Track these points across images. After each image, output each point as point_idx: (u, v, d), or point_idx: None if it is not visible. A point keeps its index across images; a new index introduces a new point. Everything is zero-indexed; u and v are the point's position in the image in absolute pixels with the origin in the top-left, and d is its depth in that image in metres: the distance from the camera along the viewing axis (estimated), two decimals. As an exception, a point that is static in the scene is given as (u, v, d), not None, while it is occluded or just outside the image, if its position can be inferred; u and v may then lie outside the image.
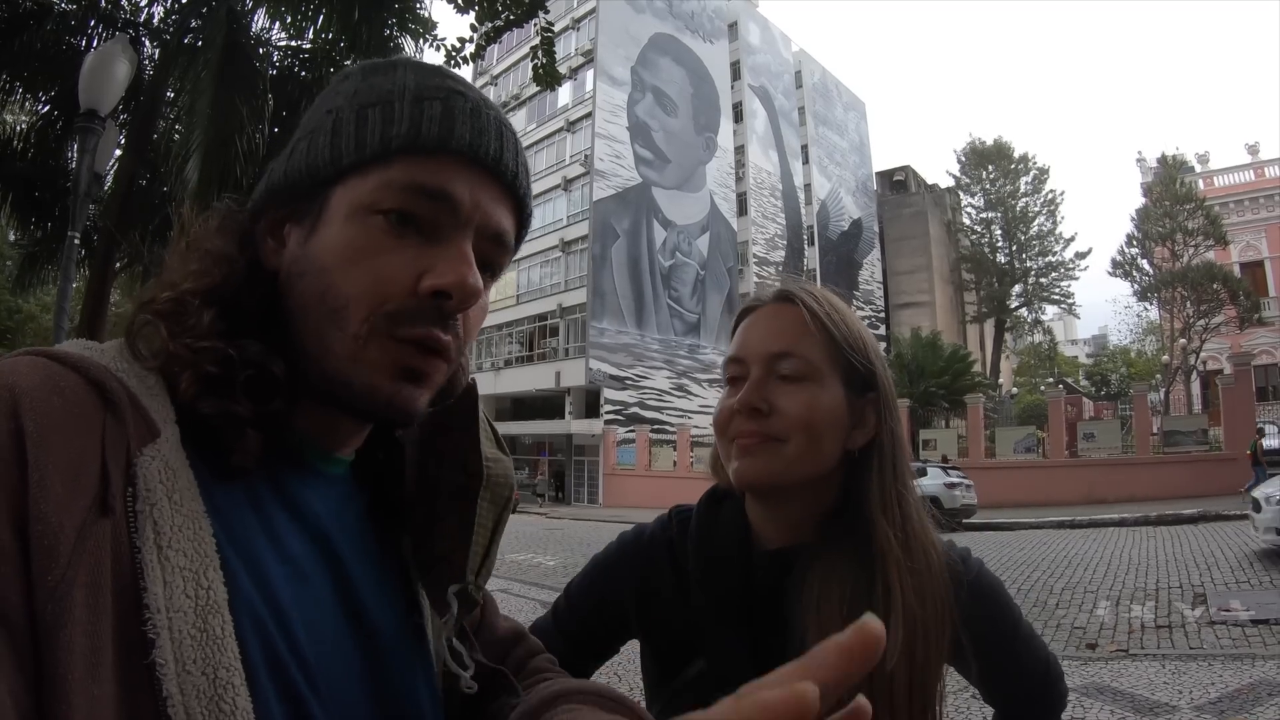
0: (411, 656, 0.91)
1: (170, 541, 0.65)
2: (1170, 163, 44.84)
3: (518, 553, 19.17)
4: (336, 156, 0.83)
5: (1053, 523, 22.35)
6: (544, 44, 9.25)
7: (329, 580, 0.83)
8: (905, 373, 40.38)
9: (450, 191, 0.82)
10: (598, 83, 47.20)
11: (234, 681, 0.65)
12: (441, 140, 0.82)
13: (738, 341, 1.37)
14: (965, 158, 64.28)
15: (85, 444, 0.64)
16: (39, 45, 8.47)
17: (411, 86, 0.84)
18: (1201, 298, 38.78)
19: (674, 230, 49.46)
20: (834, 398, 1.30)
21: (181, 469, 0.70)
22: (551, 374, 45.82)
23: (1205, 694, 6.85)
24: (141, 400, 0.71)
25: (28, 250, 11.24)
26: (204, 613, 0.65)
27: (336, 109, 0.85)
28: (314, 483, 0.87)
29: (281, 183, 0.87)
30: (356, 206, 0.81)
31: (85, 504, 0.61)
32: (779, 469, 1.27)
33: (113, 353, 0.75)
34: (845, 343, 1.32)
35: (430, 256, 0.81)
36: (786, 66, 63.91)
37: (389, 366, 0.81)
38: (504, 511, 1.00)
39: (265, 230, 0.88)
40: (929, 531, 1.31)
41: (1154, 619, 9.87)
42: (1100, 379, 60.75)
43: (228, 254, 0.84)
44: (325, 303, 0.80)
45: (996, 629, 1.37)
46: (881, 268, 67.90)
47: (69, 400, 0.65)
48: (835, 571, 1.25)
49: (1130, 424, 31.02)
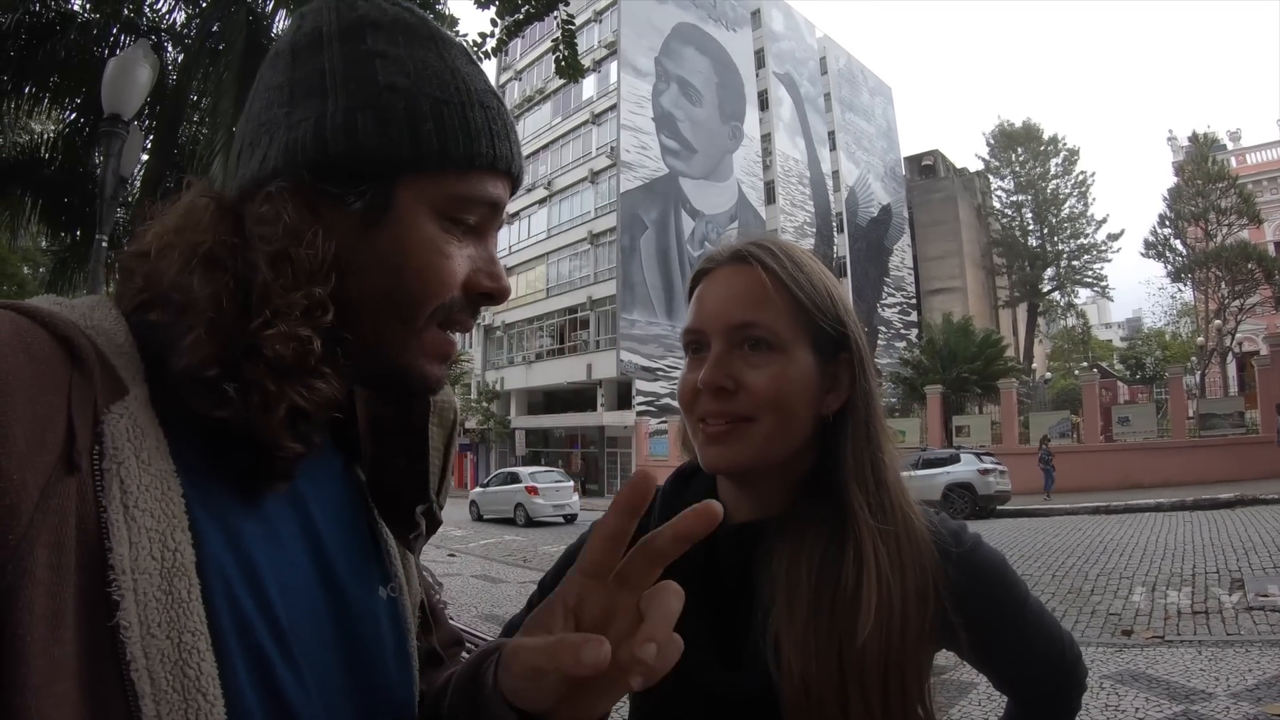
0: (384, 625, 0.91)
1: (137, 501, 0.64)
2: (1201, 140, 44.28)
3: (552, 544, 19.22)
4: (416, 155, 0.80)
5: (1087, 508, 22.20)
6: (565, 36, 9.26)
7: (304, 544, 0.82)
8: (937, 359, 40.08)
9: (501, 202, 0.89)
10: (622, 74, 47.13)
11: (199, 646, 0.64)
12: (505, 161, 0.87)
13: (695, 309, 1.28)
14: (994, 140, 63.58)
15: (51, 400, 0.62)
16: (63, 54, 8.58)
17: (475, 90, 0.86)
18: (1236, 278, 38.30)
19: (702, 220, 49.28)
20: (804, 366, 1.21)
21: (150, 428, 0.68)
22: (583, 366, 45.93)
23: (1242, 681, 6.76)
24: (110, 358, 0.69)
25: (59, 255, 11.39)
26: (170, 575, 0.64)
27: (403, 91, 0.81)
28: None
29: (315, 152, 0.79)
30: (437, 211, 0.83)
31: (50, 461, 0.60)
32: (750, 455, 1.20)
33: (83, 309, 0.73)
34: (811, 304, 1.22)
35: (476, 259, 0.86)
36: (811, 53, 63.53)
37: (434, 353, 0.86)
38: (451, 434, 1.05)
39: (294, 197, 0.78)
40: (908, 498, 1.24)
41: (1190, 605, 9.76)
42: (1135, 362, 59.87)
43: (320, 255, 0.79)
44: (391, 298, 0.81)
45: (998, 609, 1.27)
46: (912, 253, 67.33)
47: (35, 356, 0.63)
48: (804, 541, 1.19)
49: (1165, 407, 30.71)
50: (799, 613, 1.15)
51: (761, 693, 1.15)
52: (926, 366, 40.46)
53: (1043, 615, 1.34)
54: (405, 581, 0.97)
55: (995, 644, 1.30)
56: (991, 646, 1.31)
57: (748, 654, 1.19)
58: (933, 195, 68.23)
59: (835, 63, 65.79)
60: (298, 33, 0.87)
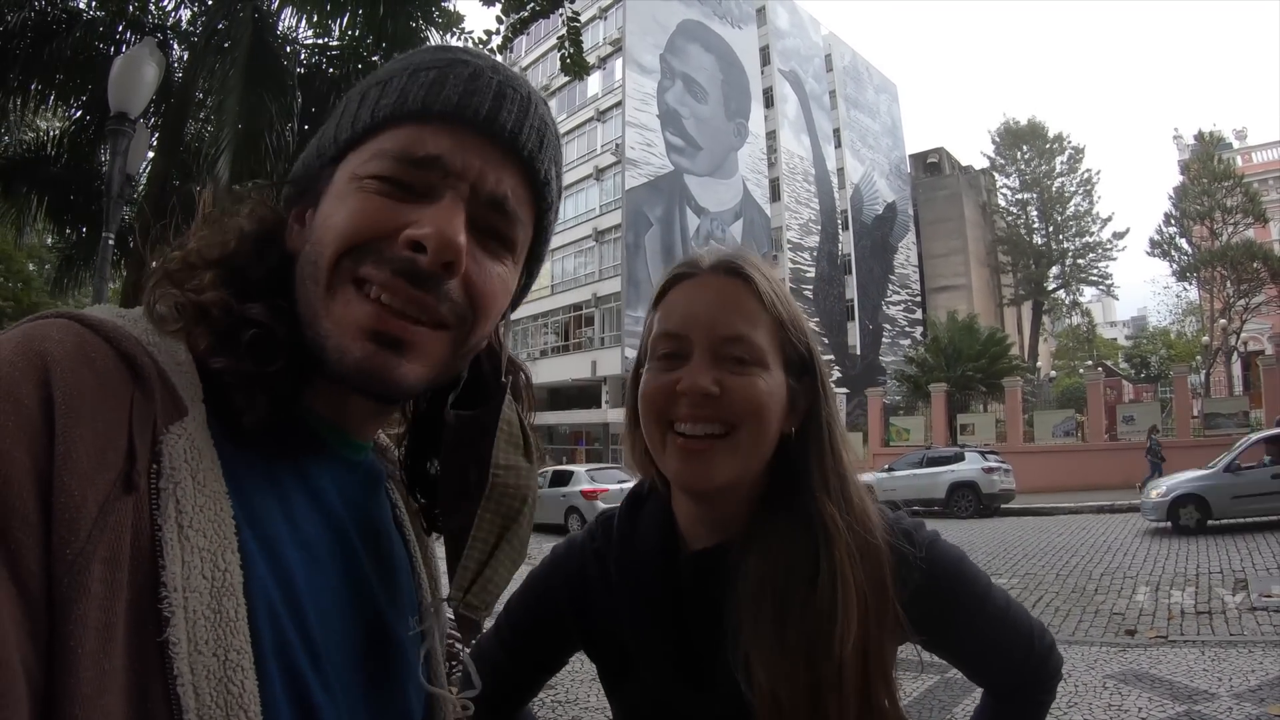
0: (407, 655, 0.92)
1: (191, 521, 0.65)
2: (1207, 139, 44.25)
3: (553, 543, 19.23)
4: (339, 134, 0.86)
5: (1092, 507, 22.21)
6: (570, 34, 9.26)
7: (342, 569, 0.84)
8: (942, 357, 40.02)
9: (436, 154, 0.82)
10: (627, 71, 47.03)
11: (244, 664, 0.65)
12: (427, 104, 0.82)
13: (678, 314, 1.24)
14: (999, 138, 63.57)
15: (113, 418, 0.63)
16: (69, 52, 8.58)
17: (415, 61, 0.86)
18: (1241, 277, 38.26)
19: (707, 217, 49.23)
20: (778, 384, 1.21)
21: (206, 449, 0.69)
22: (588, 363, 45.89)
23: (1245, 681, 6.78)
24: (170, 377, 0.71)
25: (64, 253, 11.42)
26: (219, 594, 0.65)
27: (349, 96, 0.88)
28: (334, 469, 0.88)
29: (300, 170, 0.91)
30: (350, 176, 0.82)
31: (110, 479, 0.61)
32: (731, 471, 1.18)
33: (145, 323, 0.75)
34: (791, 325, 1.23)
35: (416, 214, 0.80)
36: (816, 50, 63.38)
37: (354, 325, 0.79)
38: (510, 525, 0.94)
39: (294, 219, 0.89)
40: (869, 508, 1.24)
41: (1194, 605, 9.80)
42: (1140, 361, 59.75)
43: (241, 226, 0.85)
44: (310, 259, 0.81)
45: (955, 604, 1.28)
46: (917, 251, 67.28)
47: (99, 372, 0.64)
48: (770, 560, 1.18)
49: (1171, 406, 30.69)
50: (769, 630, 1.15)
51: (734, 713, 1.16)
52: (931, 364, 40.41)
53: (1008, 608, 1.35)
54: (435, 617, 0.97)
55: (958, 637, 1.32)
56: (955, 640, 1.33)
57: (718, 676, 1.19)
58: (938, 193, 68.11)
59: (840, 60, 65.65)
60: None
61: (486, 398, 0.96)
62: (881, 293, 62.17)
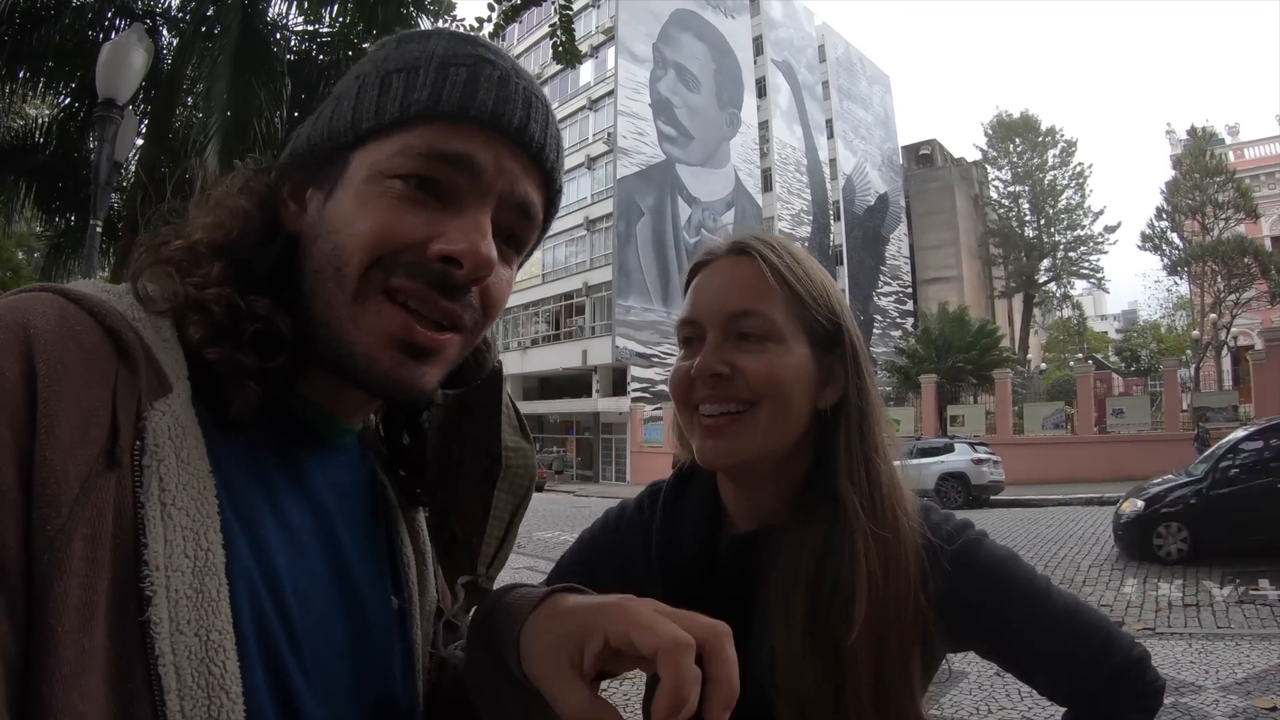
0: (392, 638, 0.91)
1: (174, 499, 0.64)
2: (1200, 134, 44.35)
3: (545, 530, 19.24)
4: (358, 121, 0.82)
5: (1080, 499, 22.30)
6: (562, 22, 9.21)
7: (324, 553, 0.83)
8: (933, 348, 40.12)
9: (471, 156, 0.80)
10: (619, 60, 46.97)
11: (225, 645, 0.64)
12: (463, 106, 0.81)
13: (691, 300, 1.27)
14: (992, 131, 63.65)
15: (97, 393, 0.63)
16: (57, 39, 8.48)
17: (439, 53, 0.84)
18: (1232, 272, 38.30)
19: (699, 207, 49.24)
20: (800, 357, 1.20)
21: (191, 426, 0.69)
22: (578, 352, 45.91)
23: (1232, 674, 6.83)
24: (155, 352, 0.70)
25: (53, 240, 11.35)
26: (201, 574, 0.64)
27: (363, 75, 0.85)
28: (319, 452, 0.87)
29: (304, 147, 0.87)
30: (375, 170, 0.80)
31: (92, 454, 0.60)
32: (750, 448, 1.18)
33: (130, 299, 0.74)
34: (809, 297, 1.22)
35: (445, 223, 0.79)
36: (809, 40, 63.37)
37: (386, 335, 0.79)
38: (522, 502, 1.02)
39: (288, 194, 0.87)
40: (901, 498, 1.21)
41: (1181, 597, 9.83)
42: (1130, 354, 59.88)
43: (245, 211, 0.84)
44: (331, 262, 0.79)
45: (998, 608, 1.21)
46: (908, 243, 67.33)
47: (83, 346, 0.64)
48: (800, 549, 1.18)
49: (1160, 400, 30.84)
50: (794, 625, 1.14)
51: (758, 710, 1.11)
52: (922, 356, 40.49)
53: (1076, 613, 1.25)
54: (418, 592, 0.97)
55: (1006, 643, 1.27)
56: (1004, 646, 1.27)
57: (746, 669, 1.17)
58: (930, 185, 68.18)
59: (833, 51, 65.66)
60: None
61: (465, 379, 0.96)
62: (873, 284, 62.22)
